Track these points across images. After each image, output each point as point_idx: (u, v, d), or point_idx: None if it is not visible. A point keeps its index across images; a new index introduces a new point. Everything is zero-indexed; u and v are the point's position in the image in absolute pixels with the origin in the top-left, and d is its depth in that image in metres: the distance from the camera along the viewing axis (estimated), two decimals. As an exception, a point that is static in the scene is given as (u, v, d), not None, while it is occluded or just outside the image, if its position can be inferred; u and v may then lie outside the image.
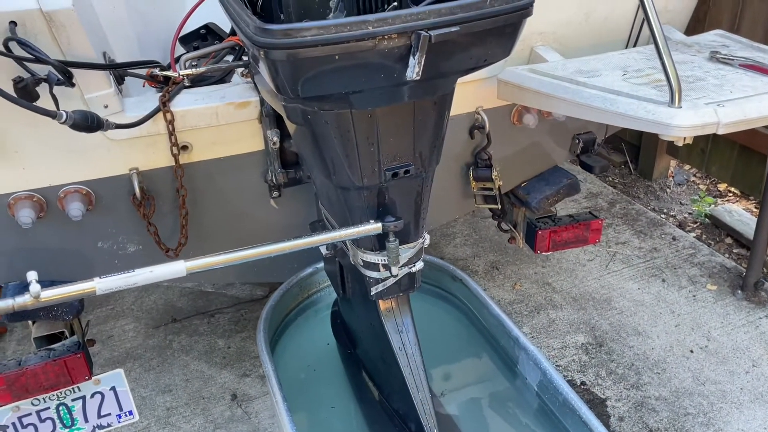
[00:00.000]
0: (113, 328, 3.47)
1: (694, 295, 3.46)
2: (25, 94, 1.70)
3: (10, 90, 1.69)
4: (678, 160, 4.59)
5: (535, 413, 2.19)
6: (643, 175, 4.66)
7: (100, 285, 1.25)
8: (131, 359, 3.24)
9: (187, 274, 1.40)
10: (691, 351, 3.10)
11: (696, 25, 3.80)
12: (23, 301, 1.21)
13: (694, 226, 4.13)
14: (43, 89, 1.74)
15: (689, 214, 4.26)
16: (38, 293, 1.20)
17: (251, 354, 3.22)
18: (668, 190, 4.53)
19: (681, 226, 4.11)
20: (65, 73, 1.74)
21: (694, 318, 3.30)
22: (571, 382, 2.94)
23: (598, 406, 2.84)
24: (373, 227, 1.70)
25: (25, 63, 1.70)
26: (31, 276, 1.22)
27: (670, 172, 4.65)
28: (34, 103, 1.71)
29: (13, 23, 1.71)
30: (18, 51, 1.71)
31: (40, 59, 1.69)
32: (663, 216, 4.22)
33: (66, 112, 1.71)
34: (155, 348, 3.32)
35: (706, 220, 4.13)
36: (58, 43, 1.79)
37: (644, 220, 4.13)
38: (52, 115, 1.68)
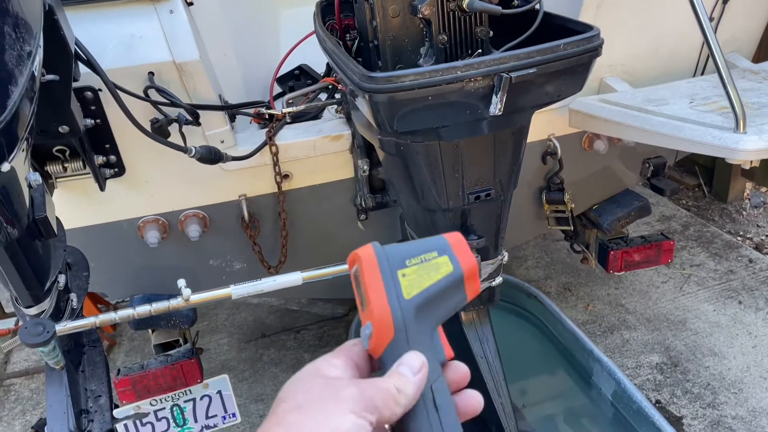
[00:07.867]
0: (209, 342, 3.78)
1: (772, 317, 3.45)
2: (160, 132, 2.01)
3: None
4: (754, 182, 4.56)
5: (611, 422, 2.30)
6: (717, 197, 4.65)
7: (235, 291, 1.50)
8: (226, 370, 3.53)
9: (303, 283, 1.63)
10: (770, 372, 3.11)
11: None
12: (177, 303, 1.47)
13: (772, 248, 4.10)
14: (172, 128, 2.05)
15: (766, 236, 4.23)
16: (188, 296, 1.46)
17: (336, 367, 3.44)
18: (744, 212, 4.51)
19: (758, 248, 4.09)
20: (193, 114, 2.04)
21: (773, 339, 3.30)
22: (646, 400, 3.01)
23: (673, 423, 2.89)
24: (458, 245, 1.90)
25: (160, 107, 2.02)
26: (181, 283, 1.48)
27: (745, 194, 4.62)
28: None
29: (151, 73, 2.03)
30: (154, 96, 2.03)
31: (174, 103, 1.99)
32: (739, 238, 4.20)
33: (195, 147, 2.01)
34: (247, 360, 3.60)
35: (785, 242, 4.10)
36: (186, 89, 2.10)
37: (719, 242, 4.14)
38: (185, 150, 1.98)
